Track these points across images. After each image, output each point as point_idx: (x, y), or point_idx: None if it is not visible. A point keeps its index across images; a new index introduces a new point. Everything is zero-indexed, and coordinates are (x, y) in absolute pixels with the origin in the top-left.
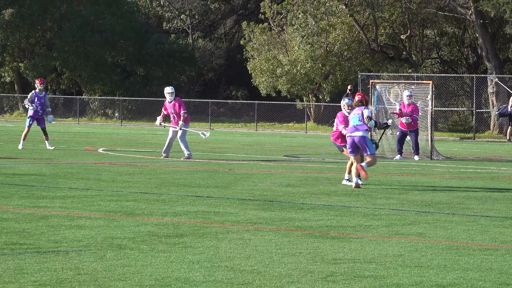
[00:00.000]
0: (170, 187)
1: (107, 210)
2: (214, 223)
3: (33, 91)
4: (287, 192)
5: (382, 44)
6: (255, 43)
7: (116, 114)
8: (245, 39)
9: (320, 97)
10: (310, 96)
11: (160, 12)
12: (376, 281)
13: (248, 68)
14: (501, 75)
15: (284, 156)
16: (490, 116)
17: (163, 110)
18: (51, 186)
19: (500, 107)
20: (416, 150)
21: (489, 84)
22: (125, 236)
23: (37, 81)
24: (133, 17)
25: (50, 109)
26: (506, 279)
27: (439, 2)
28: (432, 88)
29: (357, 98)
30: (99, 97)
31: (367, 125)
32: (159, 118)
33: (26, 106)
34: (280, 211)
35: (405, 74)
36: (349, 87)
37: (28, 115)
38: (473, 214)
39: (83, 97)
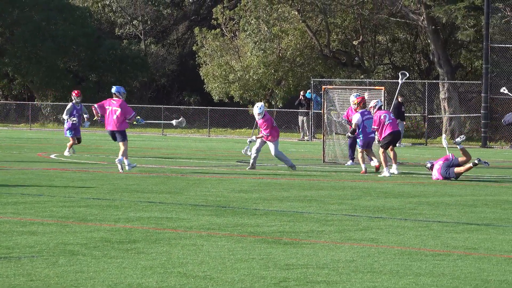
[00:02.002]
0: (123, 193)
1: (59, 216)
2: (167, 229)
3: (70, 104)
4: (240, 197)
5: (334, 50)
6: (207, 49)
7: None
8: (197, 45)
9: (273, 103)
10: (262, 102)
11: (112, 18)
12: (328, 287)
13: (201, 74)
14: (453, 81)
15: (236, 161)
16: (442, 121)
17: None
18: (2, 192)
19: (506, 116)
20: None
21: (441, 90)
22: (77, 242)
23: (73, 93)
24: (85, 22)
25: (88, 116)
26: (458, 284)
27: (391, 8)
28: (384, 94)
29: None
30: (51, 103)
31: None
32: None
33: (65, 119)
34: (233, 217)
35: (358, 80)
36: (301, 93)
37: (67, 128)
38: (425, 220)
39: (35, 102)
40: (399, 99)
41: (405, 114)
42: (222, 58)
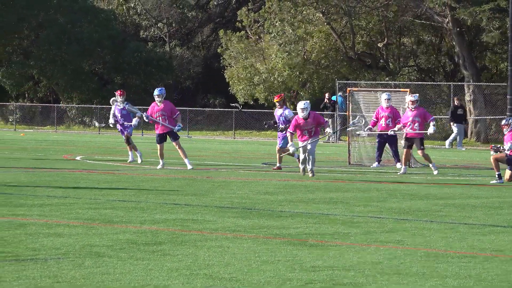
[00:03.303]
0: (148, 195)
1: (85, 218)
2: (193, 231)
3: (113, 106)
4: (266, 199)
5: (359, 52)
6: (232, 51)
7: (95, 122)
8: (222, 47)
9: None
10: (287, 104)
11: (137, 20)
12: None
13: (226, 76)
14: (478, 83)
15: (262, 163)
16: (468, 124)
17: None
18: (29, 194)
19: None
20: (397, 157)
21: (466, 91)
22: (103, 244)
23: (116, 93)
24: (110, 25)
25: (139, 113)
26: (485, 287)
27: (416, 10)
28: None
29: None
30: (77, 105)
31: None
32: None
33: (111, 124)
34: (259, 219)
35: (383, 82)
36: (326, 95)
37: (119, 129)
38: (452, 222)
39: (60, 105)
40: (456, 102)
41: (464, 117)
42: (247, 61)
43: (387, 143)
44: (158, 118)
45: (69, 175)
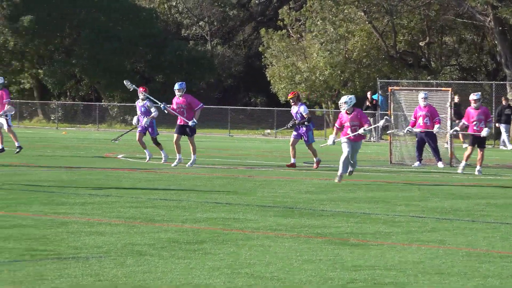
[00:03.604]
0: (190, 193)
1: (127, 216)
2: (234, 230)
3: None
4: (307, 198)
5: (401, 51)
6: (273, 50)
7: (135, 121)
8: (263, 46)
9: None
10: (329, 103)
11: (178, 19)
12: None
13: (267, 75)
14: None
15: (303, 162)
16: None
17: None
18: (70, 193)
19: None
20: (438, 156)
21: (508, 91)
22: (145, 243)
23: (139, 89)
24: (151, 24)
25: (154, 112)
26: None
27: (458, 9)
28: (451, 95)
29: None
30: (118, 104)
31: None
32: None
33: (134, 123)
34: (300, 218)
35: (424, 81)
36: (368, 94)
37: (139, 127)
38: (494, 222)
39: (102, 103)
40: (504, 102)
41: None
42: (289, 59)
43: (426, 142)
44: (177, 111)
45: (111, 173)
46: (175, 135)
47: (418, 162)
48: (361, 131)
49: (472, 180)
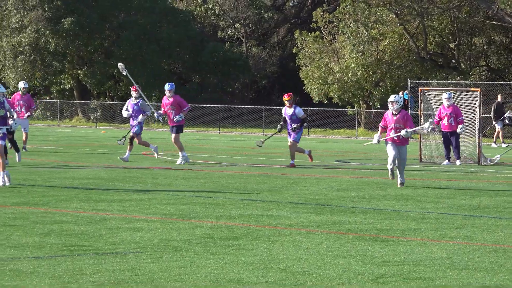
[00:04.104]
0: (225, 191)
1: (163, 213)
2: (267, 226)
3: (128, 101)
4: (338, 196)
5: (431, 52)
6: (307, 51)
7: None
8: (297, 47)
9: (371, 104)
10: (360, 103)
11: (215, 21)
12: (424, 283)
13: (301, 76)
14: None
15: (335, 161)
16: None
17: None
18: (109, 190)
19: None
20: (457, 154)
21: None
22: (180, 238)
23: (132, 89)
24: (189, 26)
25: (149, 112)
26: None
27: (487, 11)
28: (480, 95)
29: None
30: (156, 104)
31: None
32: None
33: (125, 115)
34: (331, 215)
35: (454, 81)
36: (400, 93)
37: (131, 124)
38: None
39: None
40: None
41: None
42: (322, 60)
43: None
44: (168, 112)
45: (148, 171)
46: (173, 135)
47: (447, 161)
48: (403, 132)
49: (500, 178)
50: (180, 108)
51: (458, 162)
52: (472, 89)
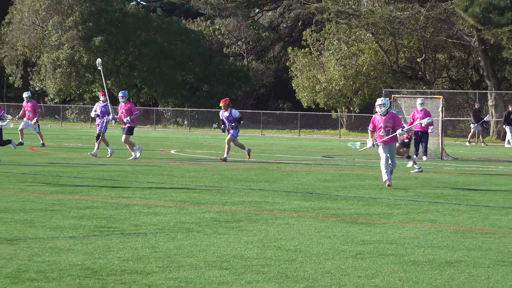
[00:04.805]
0: (229, 181)
1: (178, 200)
2: (265, 211)
3: (97, 103)
4: (324, 186)
5: (402, 65)
6: (298, 65)
7: (186, 122)
8: (290, 61)
9: (351, 108)
10: (343, 108)
11: (221, 40)
12: (396, 259)
13: (293, 85)
14: (499, 91)
15: (322, 156)
16: (490, 124)
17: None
18: (132, 180)
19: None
20: (425, 152)
21: (489, 98)
22: (192, 221)
23: (99, 93)
24: (199, 43)
25: (112, 116)
26: (503, 257)
27: (449, 31)
28: (442, 102)
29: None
30: (172, 108)
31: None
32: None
33: (93, 115)
34: (318, 201)
35: (421, 90)
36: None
37: (97, 124)
38: (476, 204)
39: (158, 108)
40: (510, 108)
41: None
42: (310, 72)
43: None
44: (121, 115)
45: (165, 165)
46: (124, 136)
47: (415, 156)
48: (399, 131)
49: (459, 170)
50: (131, 113)
51: (424, 158)
52: (436, 96)
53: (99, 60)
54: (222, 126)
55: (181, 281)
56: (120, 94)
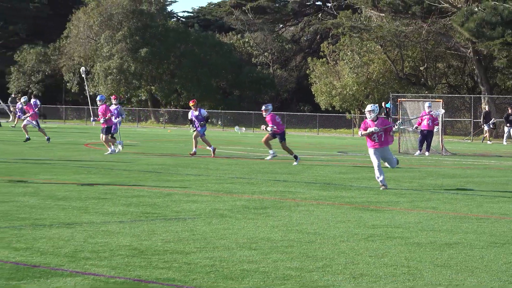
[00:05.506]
0: (257, 173)
1: (213, 189)
2: (288, 199)
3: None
4: (340, 177)
5: (406, 73)
6: (316, 73)
7: (219, 122)
8: (309, 69)
9: (363, 110)
10: (356, 110)
11: (249, 51)
12: (402, 241)
13: (312, 90)
14: (491, 96)
15: (337, 152)
16: (496, 125)
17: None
18: (173, 173)
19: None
20: (428, 148)
21: (482, 102)
22: (225, 208)
23: (112, 97)
24: (231, 54)
25: (124, 115)
26: (495, 240)
27: (447, 43)
28: (442, 105)
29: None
30: (207, 110)
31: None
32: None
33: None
34: (335, 191)
35: (423, 94)
36: (383, 103)
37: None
38: (472, 194)
39: None
40: (509, 111)
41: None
42: (327, 79)
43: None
44: (100, 117)
45: (202, 159)
46: (106, 136)
47: (419, 151)
48: (396, 127)
49: (456, 164)
50: (105, 114)
51: (427, 153)
52: (436, 100)
53: (82, 68)
54: (191, 124)
55: (216, 260)
56: (98, 98)
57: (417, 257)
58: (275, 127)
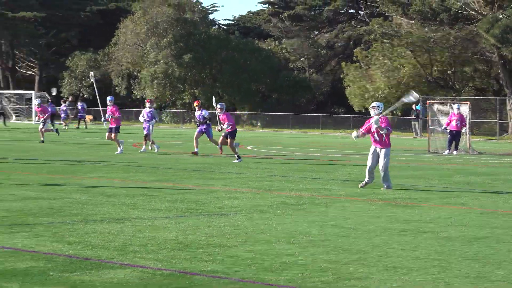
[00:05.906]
0: (295, 172)
1: (253, 187)
2: (324, 196)
3: (144, 109)
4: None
5: (435, 77)
6: (350, 77)
7: (259, 123)
8: (343, 74)
9: (394, 112)
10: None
11: (287, 56)
12: (433, 235)
13: (346, 93)
14: None
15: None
16: (509, 125)
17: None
18: (216, 171)
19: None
20: (456, 148)
21: (507, 103)
22: (265, 204)
23: (146, 101)
24: (269, 60)
25: (156, 117)
26: None
27: (474, 48)
28: (469, 107)
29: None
30: (248, 112)
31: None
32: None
33: (141, 119)
34: (368, 188)
35: (451, 97)
36: (413, 105)
37: (144, 126)
38: (498, 191)
39: (236, 112)
40: None
41: None
42: (360, 83)
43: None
44: (110, 117)
45: (243, 159)
46: (114, 135)
47: (448, 151)
48: (374, 119)
49: (483, 163)
50: (114, 113)
51: (455, 152)
52: (463, 102)
53: (91, 73)
54: (198, 124)
55: (257, 253)
56: (108, 98)
57: (446, 250)
58: (231, 124)
